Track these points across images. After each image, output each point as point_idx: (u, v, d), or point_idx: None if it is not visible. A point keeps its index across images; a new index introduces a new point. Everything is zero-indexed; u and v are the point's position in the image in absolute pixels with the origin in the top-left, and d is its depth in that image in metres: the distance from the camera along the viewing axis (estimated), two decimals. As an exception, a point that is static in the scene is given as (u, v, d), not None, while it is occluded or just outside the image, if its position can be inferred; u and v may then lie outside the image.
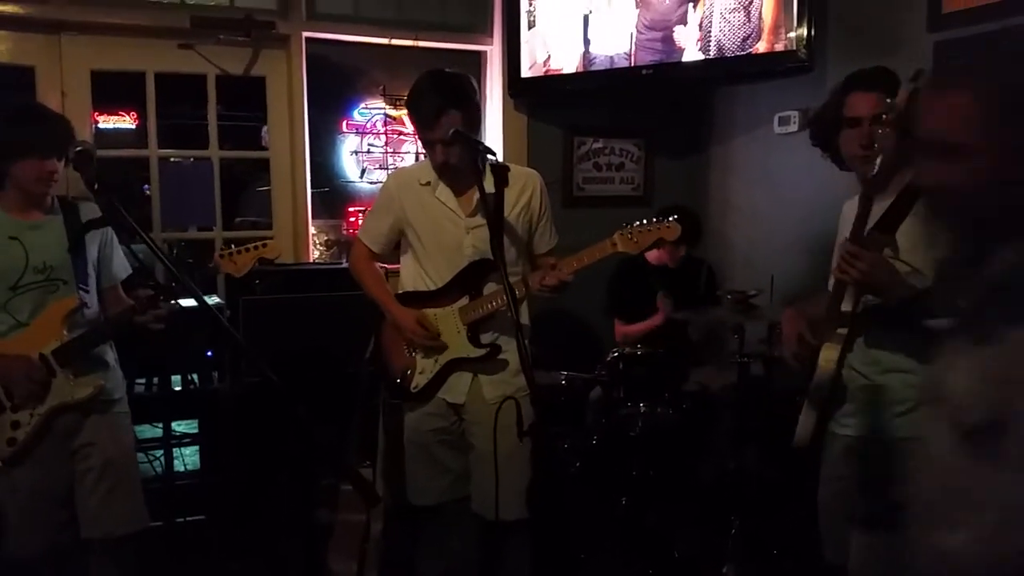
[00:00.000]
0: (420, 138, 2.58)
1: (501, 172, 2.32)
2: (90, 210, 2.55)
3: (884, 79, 2.10)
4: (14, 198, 2.46)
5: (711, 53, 3.98)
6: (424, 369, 2.65)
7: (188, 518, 3.56)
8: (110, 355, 2.64)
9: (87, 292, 2.50)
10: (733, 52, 3.93)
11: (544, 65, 4.30)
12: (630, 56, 4.14)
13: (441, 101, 2.44)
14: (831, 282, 2.14)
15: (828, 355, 2.02)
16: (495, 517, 2.44)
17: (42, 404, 2.42)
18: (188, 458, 4.10)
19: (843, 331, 2.01)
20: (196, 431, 4.00)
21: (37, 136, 2.37)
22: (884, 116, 1.99)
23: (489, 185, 2.33)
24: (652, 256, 3.90)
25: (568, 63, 4.26)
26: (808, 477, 2.33)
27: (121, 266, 2.69)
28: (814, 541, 2.27)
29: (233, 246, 2.51)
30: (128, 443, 2.67)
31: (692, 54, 4.02)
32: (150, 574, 2.73)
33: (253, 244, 2.51)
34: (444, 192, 2.61)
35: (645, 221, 2.51)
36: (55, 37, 3.77)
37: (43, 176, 2.40)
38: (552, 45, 4.27)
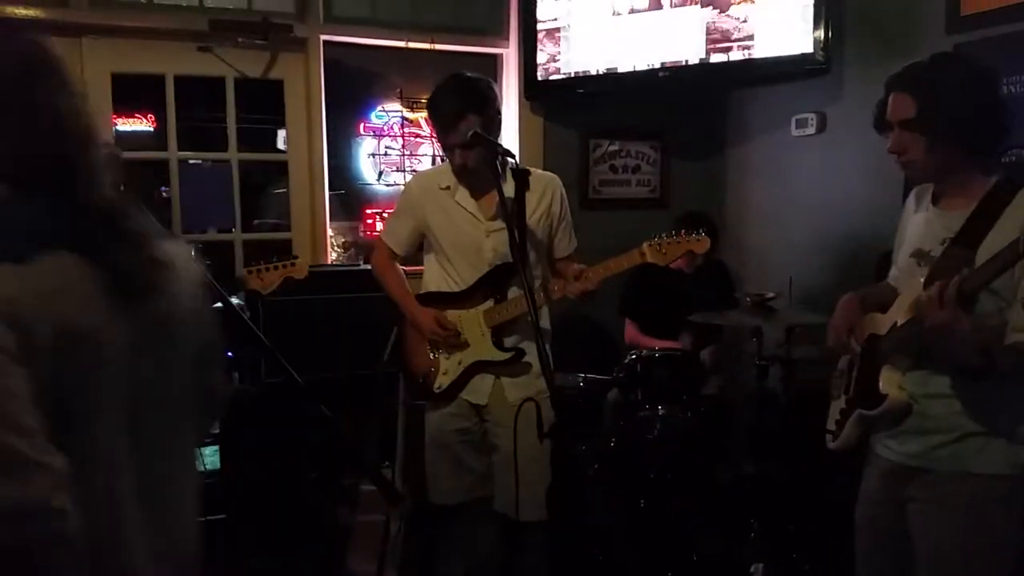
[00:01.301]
0: (439, 142, 2.60)
1: (522, 176, 2.33)
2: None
3: (915, 77, 1.92)
4: None
5: (728, 55, 3.98)
6: (447, 370, 2.67)
7: (208, 517, 3.58)
8: None
9: None
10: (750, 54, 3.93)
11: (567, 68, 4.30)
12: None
13: (460, 105, 2.45)
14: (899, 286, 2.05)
15: (893, 379, 1.90)
16: (516, 517, 2.45)
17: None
18: (208, 458, 4.13)
19: (907, 361, 1.90)
20: (216, 431, 4.02)
21: None
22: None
23: (509, 189, 2.34)
24: (670, 260, 3.91)
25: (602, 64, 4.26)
26: (827, 480, 2.31)
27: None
28: (834, 545, 2.26)
29: (262, 262, 2.49)
30: None
31: (709, 55, 4.02)
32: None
33: (281, 263, 2.51)
34: (464, 196, 2.62)
35: (674, 233, 2.54)
36: (76, 40, 3.81)
37: None
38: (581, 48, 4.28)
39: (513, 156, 2.40)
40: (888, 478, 2.04)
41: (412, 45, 4.25)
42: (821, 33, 3.73)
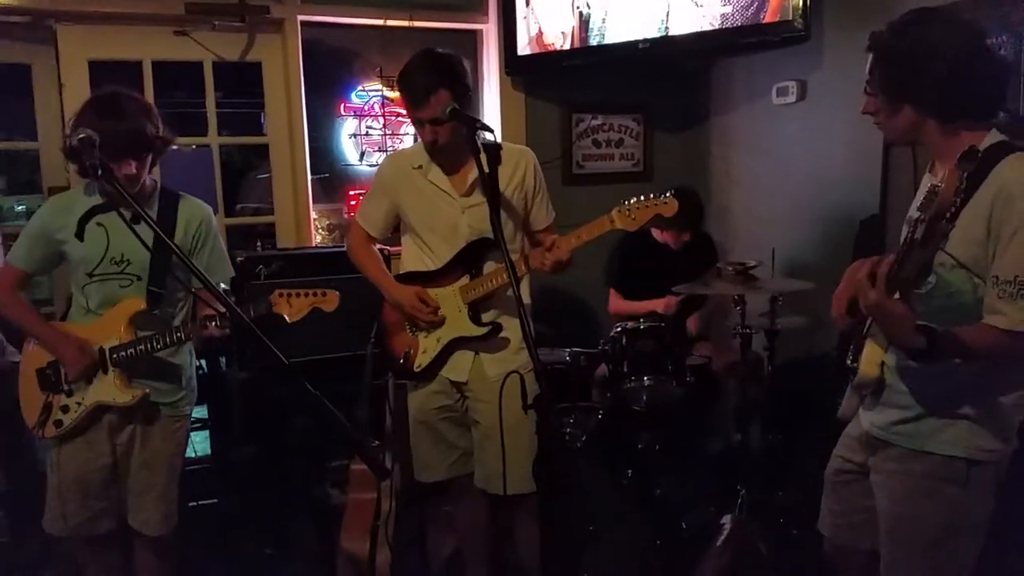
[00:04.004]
0: (410, 117, 2.59)
1: (494, 150, 2.33)
2: (191, 205, 2.58)
3: (879, 37, 1.87)
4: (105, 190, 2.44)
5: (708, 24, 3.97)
6: (426, 348, 2.68)
7: (200, 502, 3.60)
8: (180, 357, 2.62)
9: (160, 293, 2.48)
10: (731, 23, 3.92)
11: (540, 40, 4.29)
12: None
13: (430, 80, 2.45)
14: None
15: (871, 355, 1.86)
16: (503, 491, 2.47)
17: (88, 396, 2.47)
18: (198, 444, 4.14)
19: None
20: (205, 416, 4.03)
21: (110, 138, 2.20)
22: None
23: (484, 165, 2.34)
24: (657, 234, 3.91)
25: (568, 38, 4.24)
26: (814, 447, 2.31)
27: (219, 269, 2.63)
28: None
29: (295, 290, 2.44)
30: (170, 449, 2.63)
31: (688, 26, 4.01)
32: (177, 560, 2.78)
33: (313, 291, 2.45)
34: (436, 174, 2.62)
35: (643, 197, 2.50)
36: (50, 27, 3.76)
37: (122, 179, 2.29)
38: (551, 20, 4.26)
39: (491, 129, 2.39)
40: (860, 442, 2.05)
41: (391, 23, 4.22)
42: (800, 0, 3.72)
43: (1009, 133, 1.84)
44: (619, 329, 3.44)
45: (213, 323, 2.40)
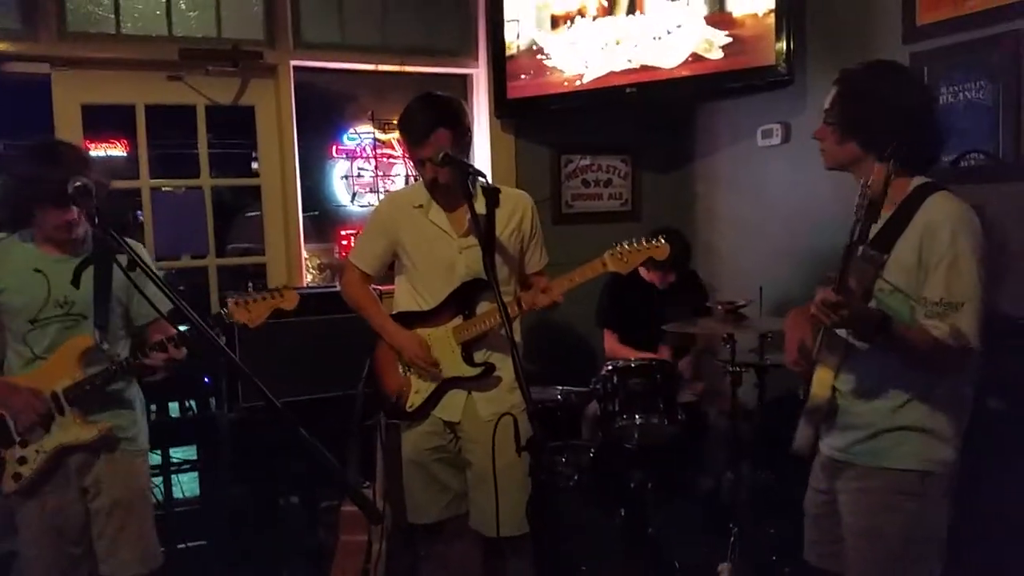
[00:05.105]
0: (411, 157, 2.64)
1: (492, 194, 2.37)
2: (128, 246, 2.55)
3: (845, 75, 2.10)
4: (43, 235, 2.46)
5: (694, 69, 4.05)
6: (419, 389, 2.69)
7: (189, 544, 3.57)
8: (131, 392, 2.61)
9: (105, 330, 2.47)
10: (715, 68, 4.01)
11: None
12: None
13: (431, 120, 2.50)
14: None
15: (822, 378, 2.01)
16: (496, 533, 2.46)
17: (47, 442, 2.41)
18: (187, 485, 4.11)
19: (835, 358, 2.00)
20: (195, 457, 4.01)
21: (50, 185, 2.28)
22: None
23: (481, 207, 2.38)
24: (644, 273, 3.95)
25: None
26: (804, 484, 2.36)
27: (159, 300, 2.64)
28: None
29: (249, 294, 2.44)
30: (139, 484, 2.61)
31: (674, 70, 4.10)
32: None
33: (269, 293, 2.45)
34: (437, 214, 2.65)
35: (635, 241, 2.58)
36: (45, 73, 3.80)
37: (60, 226, 2.39)
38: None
39: (484, 175, 2.44)
40: (824, 470, 2.17)
41: (382, 68, 4.29)
42: (784, 45, 3.81)
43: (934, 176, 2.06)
44: (610, 367, 3.46)
45: (171, 343, 2.37)
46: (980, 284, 1.87)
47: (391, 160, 4.45)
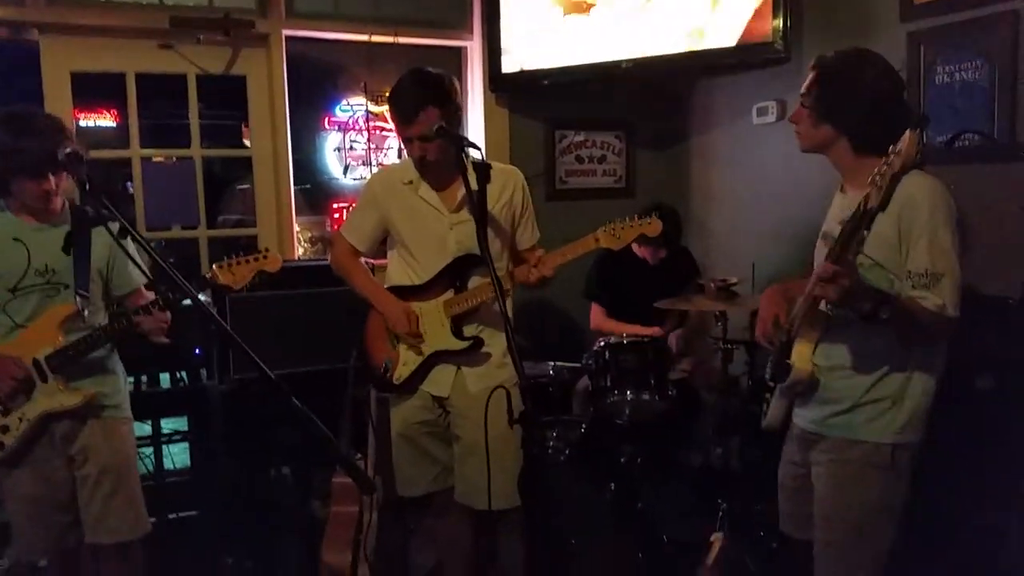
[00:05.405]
0: (399, 134, 2.62)
1: (484, 169, 2.37)
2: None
3: (822, 62, 2.16)
4: (20, 205, 2.44)
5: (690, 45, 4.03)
6: (407, 361, 2.68)
7: (180, 514, 3.58)
8: (113, 360, 2.61)
9: (86, 298, 2.45)
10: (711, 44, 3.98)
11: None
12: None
13: (419, 98, 2.48)
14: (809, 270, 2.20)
15: (803, 352, 2.08)
16: (488, 506, 2.47)
17: (30, 410, 2.40)
18: (177, 456, 4.12)
19: (815, 333, 2.07)
20: (186, 428, 4.01)
21: (28, 156, 2.29)
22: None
23: (472, 182, 2.37)
24: (636, 248, 3.95)
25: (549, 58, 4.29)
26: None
27: (138, 271, 2.55)
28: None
29: (234, 256, 2.44)
30: (126, 451, 2.61)
31: (670, 46, 4.07)
32: (144, 572, 2.74)
33: (253, 256, 2.45)
34: (426, 190, 2.64)
35: (627, 218, 2.59)
36: (33, 39, 3.75)
37: (39, 195, 2.37)
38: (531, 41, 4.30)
39: (478, 148, 2.42)
40: (798, 442, 2.23)
41: (375, 39, 4.25)
42: (780, 22, 3.79)
43: None
44: (602, 344, 3.47)
45: (155, 307, 2.37)
46: (956, 256, 1.96)
47: (384, 133, 4.42)
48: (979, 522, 2.71)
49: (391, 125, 4.35)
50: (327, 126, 4.39)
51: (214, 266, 2.44)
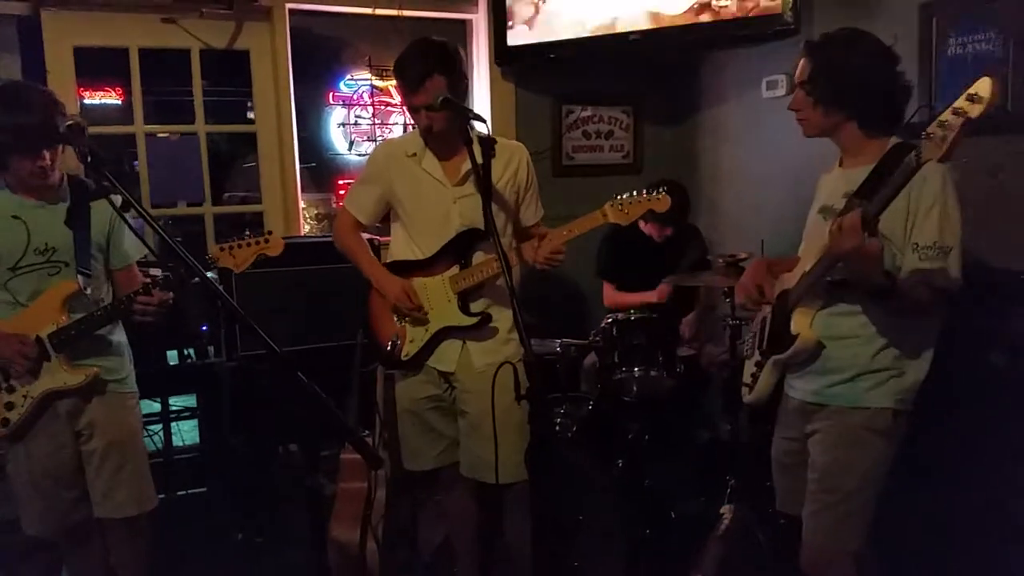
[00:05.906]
0: (406, 104, 2.60)
1: (488, 143, 2.34)
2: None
3: (818, 46, 2.18)
4: (18, 182, 2.41)
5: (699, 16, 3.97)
6: (414, 338, 2.67)
7: (189, 491, 3.60)
8: (117, 335, 2.59)
9: (88, 276, 2.45)
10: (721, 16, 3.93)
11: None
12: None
13: (425, 66, 2.46)
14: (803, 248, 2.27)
15: (802, 322, 2.11)
16: (495, 480, 2.47)
17: (34, 388, 2.40)
18: (186, 433, 4.13)
19: (815, 304, 2.11)
20: (194, 405, 4.02)
21: (21, 132, 2.27)
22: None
23: (477, 155, 2.34)
24: (643, 225, 3.92)
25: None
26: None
27: (133, 246, 2.60)
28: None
29: (236, 239, 2.42)
30: (132, 425, 2.61)
31: (679, 18, 4.02)
32: (153, 548, 2.76)
33: (254, 239, 2.43)
34: (430, 162, 2.62)
35: (635, 193, 2.57)
36: (35, 13, 3.72)
37: (35, 171, 2.35)
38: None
39: (483, 120, 2.40)
40: (794, 415, 2.25)
41: (380, 12, 4.20)
42: (790, -7, 3.73)
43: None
44: (610, 320, 3.45)
45: (156, 287, 2.35)
46: (960, 230, 1.99)
47: (389, 108, 4.38)
48: (992, 497, 2.70)
49: (396, 100, 4.33)
50: (331, 101, 4.35)
51: (216, 247, 2.42)
